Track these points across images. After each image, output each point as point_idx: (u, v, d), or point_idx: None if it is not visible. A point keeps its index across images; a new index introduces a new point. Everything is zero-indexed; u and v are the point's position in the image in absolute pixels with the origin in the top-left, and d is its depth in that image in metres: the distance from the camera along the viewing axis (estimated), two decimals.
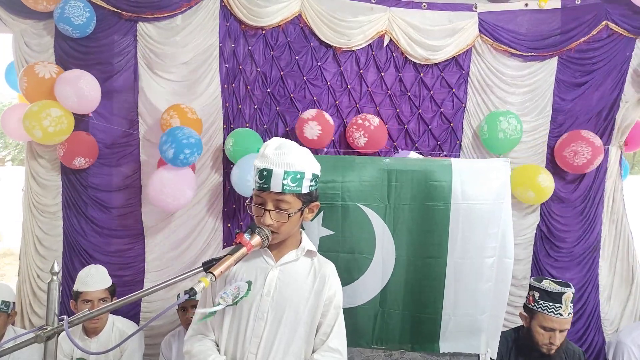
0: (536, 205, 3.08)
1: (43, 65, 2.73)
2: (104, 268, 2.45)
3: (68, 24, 2.68)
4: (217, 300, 1.34)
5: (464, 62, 3.06)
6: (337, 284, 1.47)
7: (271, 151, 1.33)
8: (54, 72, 2.73)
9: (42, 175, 2.96)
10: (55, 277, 1.07)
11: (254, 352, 1.36)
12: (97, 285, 2.33)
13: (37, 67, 2.71)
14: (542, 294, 2.07)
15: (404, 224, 1.88)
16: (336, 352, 1.41)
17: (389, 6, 3.00)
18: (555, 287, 2.05)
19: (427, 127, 3.10)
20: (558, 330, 2.05)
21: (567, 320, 2.06)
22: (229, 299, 1.33)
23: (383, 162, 1.90)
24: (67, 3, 2.66)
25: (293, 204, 1.33)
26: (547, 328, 2.05)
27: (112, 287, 2.41)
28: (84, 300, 2.30)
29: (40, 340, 1.01)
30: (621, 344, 2.39)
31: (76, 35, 2.77)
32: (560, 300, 2.03)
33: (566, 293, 2.04)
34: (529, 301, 2.14)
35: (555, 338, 2.04)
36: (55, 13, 2.69)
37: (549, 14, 3.02)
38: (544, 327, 2.06)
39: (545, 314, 2.05)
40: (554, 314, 2.03)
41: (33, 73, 2.69)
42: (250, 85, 3.02)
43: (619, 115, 3.04)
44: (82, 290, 2.31)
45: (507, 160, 1.91)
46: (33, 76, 2.69)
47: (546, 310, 2.05)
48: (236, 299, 1.33)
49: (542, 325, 2.06)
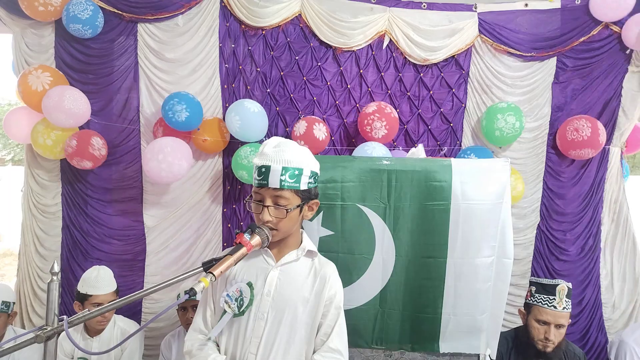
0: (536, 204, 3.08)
1: (36, 75, 2.69)
2: (110, 270, 2.43)
3: (76, 22, 2.67)
4: (222, 305, 1.36)
5: (463, 62, 3.07)
6: (338, 284, 1.47)
7: (270, 149, 1.34)
8: (46, 83, 2.69)
9: (42, 176, 2.96)
10: (56, 278, 1.07)
11: (254, 352, 1.36)
12: (107, 289, 2.32)
13: (30, 77, 2.69)
14: (537, 287, 2.14)
15: (404, 224, 1.88)
16: (337, 352, 1.41)
17: (388, 6, 3.01)
18: (550, 280, 2.12)
19: (427, 127, 3.10)
20: (553, 325, 2.07)
21: (562, 314, 2.08)
22: (234, 306, 1.34)
23: (383, 162, 1.90)
24: (70, 3, 2.67)
25: (291, 200, 1.34)
26: (542, 321, 2.09)
27: (116, 288, 2.41)
28: (92, 304, 2.26)
29: (40, 340, 1.01)
30: (623, 343, 2.39)
31: (88, 34, 2.74)
32: (554, 293, 2.07)
33: (560, 285, 2.08)
34: (527, 296, 2.20)
35: (550, 333, 2.07)
36: (63, 17, 2.70)
37: (548, 14, 3.02)
38: (539, 320, 2.10)
39: (540, 306, 2.09)
40: (548, 306, 2.07)
41: (26, 84, 2.69)
42: (250, 85, 3.02)
43: (619, 115, 3.04)
44: (92, 294, 2.28)
45: (507, 161, 1.91)
46: (26, 87, 2.69)
47: (540, 303, 2.10)
48: (242, 308, 1.35)
49: (537, 319, 2.10)
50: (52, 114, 2.63)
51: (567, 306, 2.09)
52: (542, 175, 3.10)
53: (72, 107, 2.64)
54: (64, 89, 2.67)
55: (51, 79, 2.72)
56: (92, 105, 2.88)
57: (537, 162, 3.08)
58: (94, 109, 2.89)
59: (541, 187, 3.10)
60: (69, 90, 2.69)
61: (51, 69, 2.78)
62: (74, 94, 2.69)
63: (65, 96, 2.64)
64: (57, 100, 2.62)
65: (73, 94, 2.68)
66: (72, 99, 2.66)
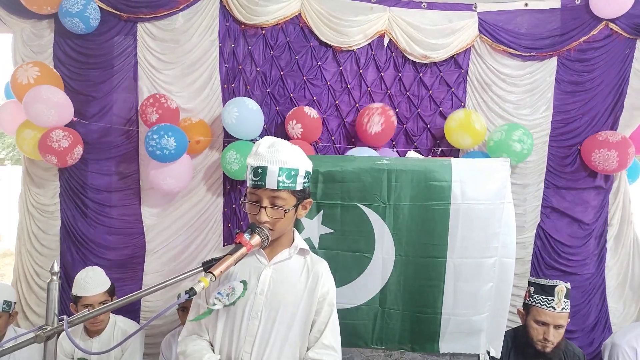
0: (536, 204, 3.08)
1: (24, 69, 2.67)
2: (101, 270, 2.42)
3: (69, 16, 2.66)
4: (212, 301, 1.34)
5: (462, 61, 3.07)
6: (330, 282, 1.47)
7: (264, 149, 1.33)
8: (32, 77, 2.66)
9: (39, 175, 2.96)
10: (55, 277, 1.06)
11: (248, 351, 1.37)
12: (96, 290, 2.30)
13: (19, 71, 2.67)
14: (536, 288, 2.15)
15: (404, 224, 1.88)
16: (330, 349, 1.41)
17: (388, 6, 3.00)
18: (549, 281, 2.12)
19: (426, 126, 3.10)
20: (552, 326, 2.07)
21: (561, 315, 2.08)
22: (224, 300, 1.33)
23: (383, 162, 1.90)
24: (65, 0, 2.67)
25: (288, 201, 1.34)
26: (540, 322, 2.10)
27: (111, 287, 2.39)
28: (84, 305, 2.27)
29: (40, 340, 1.00)
30: (616, 346, 2.39)
31: (81, 28, 2.71)
32: (552, 293, 2.07)
33: (559, 286, 2.08)
34: (525, 297, 2.21)
35: (549, 334, 2.07)
36: (60, 13, 2.69)
37: (548, 14, 3.02)
38: (538, 321, 2.11)
39: (539, 307, 2.10)
40: (547, 307, 2.08)
41: (15, 77, 2.69)
42: (250, 85, 3.02)
43: (622, 115, 3.04)
44: (81, 295, 2.28)
45: (506, 160, 1.91)
46: (14, 80, 2.69)
47: (539, 304, 2.10)
48: (233, 299, 1.33)
49: (536, 320, 2.11)
50: (31, 107, 2.59)
51: (566, 307, 2.09)
52: (543, 174, 3.09)
53: (50, 97, 2.59)
54: (38, 91, 2.60)
55: (38, 73, 2.67)
56: (91, 105, 2.88)
57: (538, 162, 3.08)
58: (93, 109, 2.89)
59: (542, 186, 3.10)
60: (47, 86, 2.63)
61: (41, 65, 2.74)
62: (52, 89, 2.64)
63: (42, 89, 2.60)
64: (34, 92, 2.58)
65: (52, 89, 2.64)
66: (51, 91, 2.62)
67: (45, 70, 2.74)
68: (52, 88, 2.66)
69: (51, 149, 2.65)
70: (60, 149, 2.66)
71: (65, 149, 2.68)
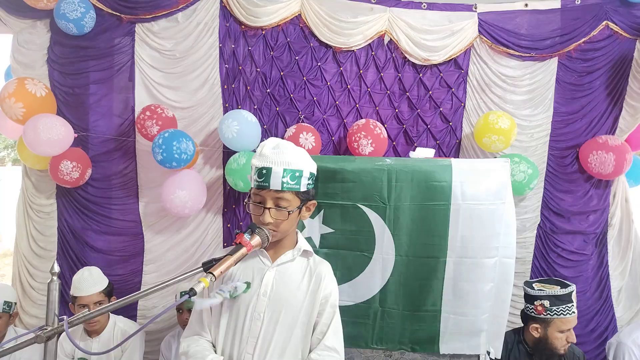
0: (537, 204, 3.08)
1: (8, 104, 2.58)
2: (98, 270, 2.42)
3: (64, 19, 2.67)
4: (214, 293, 1.34)
5: (462, 62, 3.06)
6: (333, 283, 1.47)
7: (269, 150, 1.34)
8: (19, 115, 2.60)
9: (37, 176, 2.96)
10: (55, 277, 1.06)
11: (250, 352, 1.37)
12: (91, 290, 2.30)
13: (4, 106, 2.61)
14: (551, 300, 2.06)
15: (404, 224, 1.89)
16: (333, 350, 1.41)
17: (388, 6, 3.00)
18: (561, 290, 2.07)
19: (426, 127, 3.10)
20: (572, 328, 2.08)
21: (576, 314, 2.10)
22: (226, 295, 1.33)
23: (383, 162, 1.90)
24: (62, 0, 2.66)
25: (292, 202, 1.34)
26: (566, 330, 2.07)
27: (108, 288, 2.38)
28: (80, 305, 2.28)
29: (40, 341, 1.01)
30: (622, 344, 2.39)
31: (74, 32, 2.73)
32: (571, 299, 2.07)
33: (573, 291, 2.07)
34: (539, 312, 2.09)
35: (570, 336, 2.08)
36: (55, 12, 2.69)
37: (548, 14, 3.02)
38: (563, 330, 2.06)
39: (563, 317, 2.06)
40: (570, 314, 2.06)
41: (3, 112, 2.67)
42: (250, 85, 3.02)
43: (622, 115, 3.04)
44: (76, 295, 2.29)
45: (507, 161, 1.92)
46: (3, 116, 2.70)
47: (562, 314, 2.05)
48: (234, 293, 1.33)
49: (561, 330, 2.06)
50: (36, 149, 2.62)
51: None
52: (543, 175, 3.09)
53: (50, 137, 2.56)
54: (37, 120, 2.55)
55: (24, 110, 2.60)
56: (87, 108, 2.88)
57: (538, 162, 3.08)
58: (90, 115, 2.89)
59: (542, 186, 3.10)
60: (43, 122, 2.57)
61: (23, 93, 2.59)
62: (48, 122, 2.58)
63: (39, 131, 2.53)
64: (33, 136, 2.55)
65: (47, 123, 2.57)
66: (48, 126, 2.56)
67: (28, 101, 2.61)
68: (48, 121, 2.59)
69: (63, 180, 2.75)
70: (72, 180, 2.76)
71: (76, 179, 2.77)
